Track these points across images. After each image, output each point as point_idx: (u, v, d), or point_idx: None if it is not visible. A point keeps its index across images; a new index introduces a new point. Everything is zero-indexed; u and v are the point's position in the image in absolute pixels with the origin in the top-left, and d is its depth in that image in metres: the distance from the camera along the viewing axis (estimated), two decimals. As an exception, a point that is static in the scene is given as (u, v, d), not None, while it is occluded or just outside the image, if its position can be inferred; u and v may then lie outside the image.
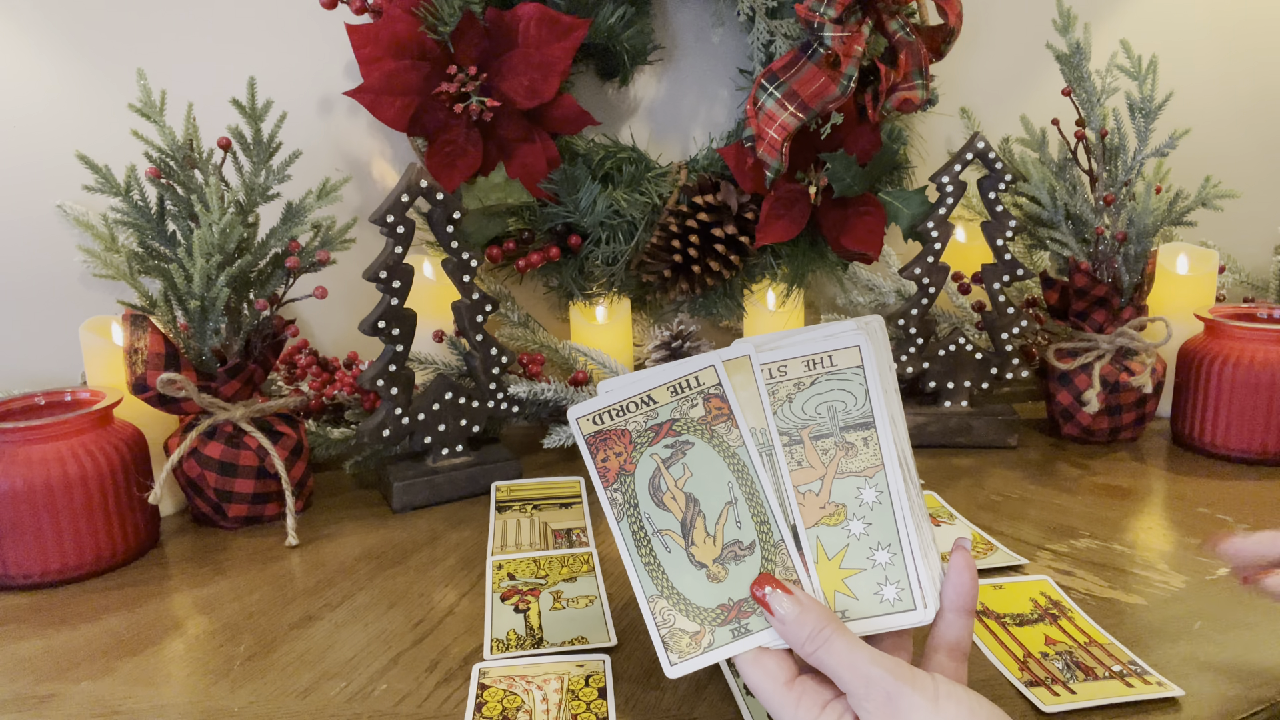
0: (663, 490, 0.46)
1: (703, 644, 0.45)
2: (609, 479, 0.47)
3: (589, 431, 0.47)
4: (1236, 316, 0.94)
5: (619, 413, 0.47)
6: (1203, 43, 1.22)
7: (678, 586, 0.46)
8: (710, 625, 0.46)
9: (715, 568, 0.46)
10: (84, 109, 0.89)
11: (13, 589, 0.70)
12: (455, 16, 0.86)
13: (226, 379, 0.78)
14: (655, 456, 0.47)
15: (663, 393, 0.47)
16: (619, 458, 0.47)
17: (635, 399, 0.47)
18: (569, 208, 0.95)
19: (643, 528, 0.46)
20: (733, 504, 0.46)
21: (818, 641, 0.43)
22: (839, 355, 0.47)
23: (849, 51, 0.88)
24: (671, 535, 0.46)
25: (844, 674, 0.42)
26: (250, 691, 0.56)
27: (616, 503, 0.47)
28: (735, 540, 0.46)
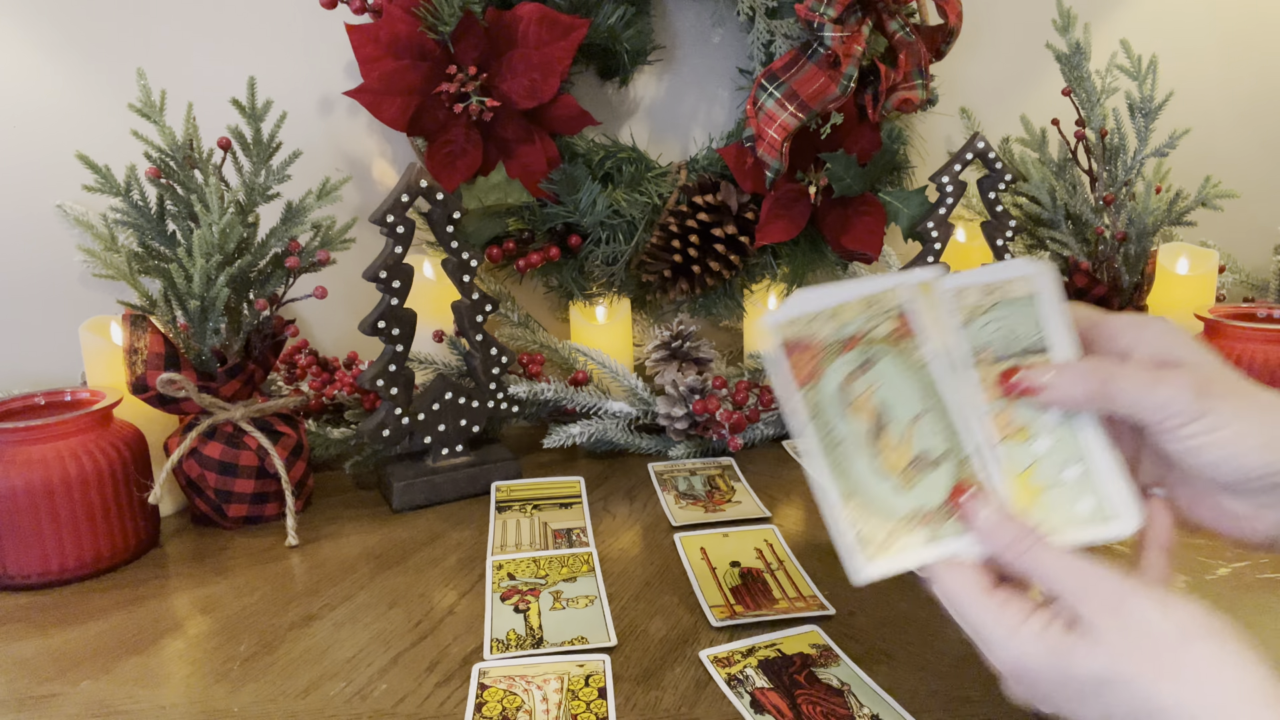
0: (851, 398, 0.47)
1: (895, 547, 0.45)
2: (799, 383, 0.46)
3: (781, 338, 0.47)
4: (1236, 316, 0.94)
5: (810, 321, 0.47)
6: (1203, 43, 1.22)
7: (868, 491, 0.46)
8: (900, 531, 0.45)
9: (903, 477, 0.46)
10: (84, 109, 0.89)
11: (13, 589, 0.70)
12: (455, 16, 0.86)
13: (226, 379, 0.78)
14: (843, 367, 0.47)
15: (852, 307, 0.47)
16: (809, 365, 0.47)
17: (825, 311, 0.47)
18: (569, 208, 0.95)
19: (830, 434, 0.46)
20: (920, 417, 0.47)
21: (1022, 546, 0.42)
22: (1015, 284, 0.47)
23: (849, 51, 0.88)
24: (860, 442, 0.46)
25: (1057, 575, 0.40)
26: (250, 691, 0.56)
27: (805, 409, 0.46)
28: (924, 451, 0.46)
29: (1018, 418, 0.47)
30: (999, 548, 0.43)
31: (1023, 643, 0.40)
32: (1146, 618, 0.38)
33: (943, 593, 0.43)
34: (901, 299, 0.47)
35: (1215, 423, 0.41)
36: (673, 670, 0.57)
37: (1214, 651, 0.37)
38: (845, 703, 0.52)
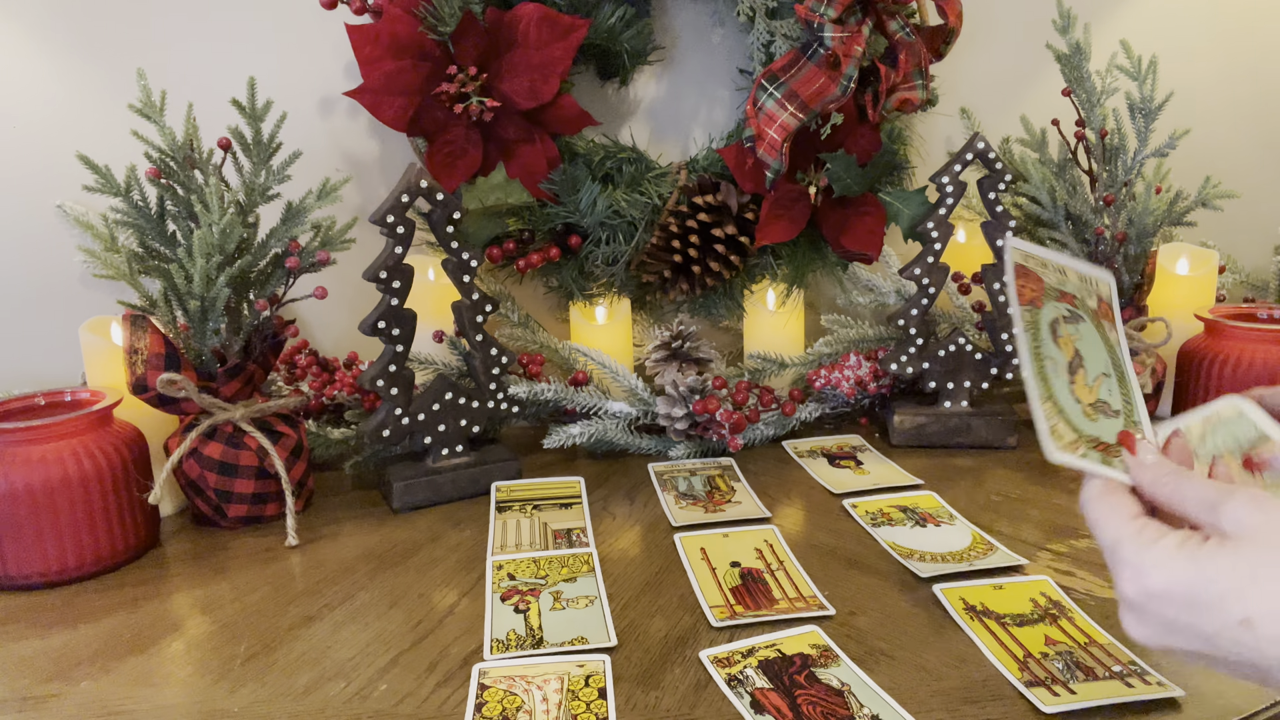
0: (1059, 334, 0.51)
1: (1078, 452, 0.48)
2: (1023, 300, 0.51)
3: (1019, 259, 0.52)
4: (1236, 316, 0.94)
5: (1041, 264, 0.53)
6: (1203, 43, 1.22)
7: (1062, 403, 0.50)
8: (1083, 443, 0.49)
9: (1089, 409, 0.51)
10: (84, 109, 0.89)
11: (13, 589, 0.70)
12: (455, 17, 0.86)
13: (226, 379, 0.78)
14: (1057, 309, 0.52)
15: (1074, 274, 0.54)
16: (1033, 292, 0.52)
17: (1055, 266, 0.53)
18: (569, 208, 0.95)
19: (1039, 347, 0.50)
20: (1107, 376, 0.52)
21: (1174, 477, 0.44)
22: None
23: (849, 52, 0.88)
24: (1060, 366, 0.51)
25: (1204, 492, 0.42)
26: (250, 692, 0.56)
27: (1025, 320, 0.51)
28: (1106, 401, 0.51)
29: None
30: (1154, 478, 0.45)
31: (1161, 551, 0.41)
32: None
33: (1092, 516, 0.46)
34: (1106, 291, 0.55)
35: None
36: (673, 670, 0.57)
37: None
38: (845, 703, 0.52)
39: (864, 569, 0.69)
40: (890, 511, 0.79)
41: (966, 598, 0.64)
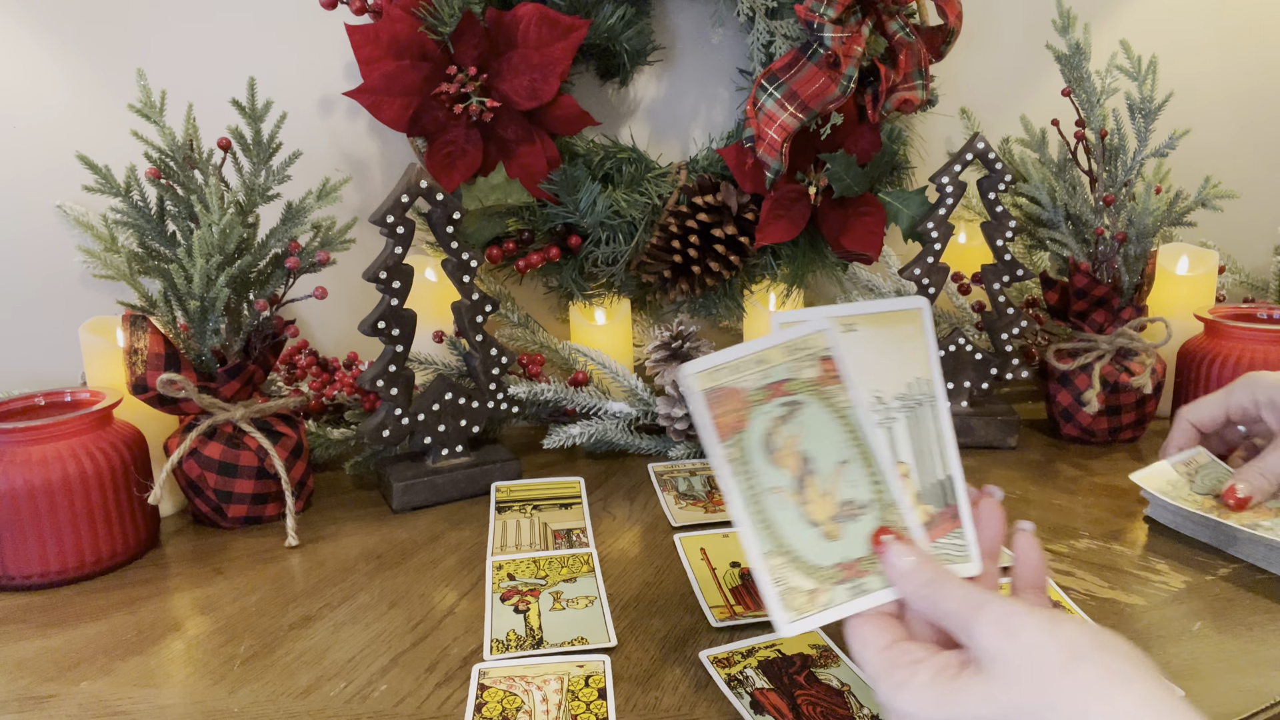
0: (776, 448, 0.46)
1: (819, 602, 0.45)
2: (723, 435, 0.46)
3: (704, 387, 0.46)
4: (1236, 317, 0.94)
5: (734, 370, 0.47)
6: (1203, 43, 1.22)
7: (793, 544, 0.46)
8: (827, 583, 0.46)
9: (830, 526, 0.46)
10: (84, 109, 0.89)
11: (13, 589, 0.70)
12: (455, 17, 0.86)
13: (226, 379, 0.78)
14: (768, 415, 0.47)
15: (777, 353, 0.47)
16: (733, 415, 0.46)
17: (750, 358, 0.47)
18: (569, 208, 0.95)
19: (755, 485, 0.46)
20: (846, 464, 0.47)
21: (934, 585, 0.43)
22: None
23: (849, 52, 0.88)
24: (785, 493, 0.46)
25: (955, 606, 0.41)
26: (250, 692, 0.56)
27: (730, 459, 0.46)
28: (849, 499, 0.47)
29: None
30: (913, 587, 0.44)
31: (910, 696, 0.40)
32: (1036, 641, 0.38)
33: (851, 648, 0.45)
34: (828, 342, 0.47)
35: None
36: (673, 670, 0.57)
37: (1099, 671, 0.37)
38: (845, 703, 0.52)
39: (864, 569, 0.69)
40: (890, 511, 0.78)
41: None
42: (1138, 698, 0.36)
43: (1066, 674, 0.37)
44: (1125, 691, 0.36)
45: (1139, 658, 0.37)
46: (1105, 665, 0.37)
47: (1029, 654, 0.38)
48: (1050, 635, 0.38)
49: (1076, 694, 0.36)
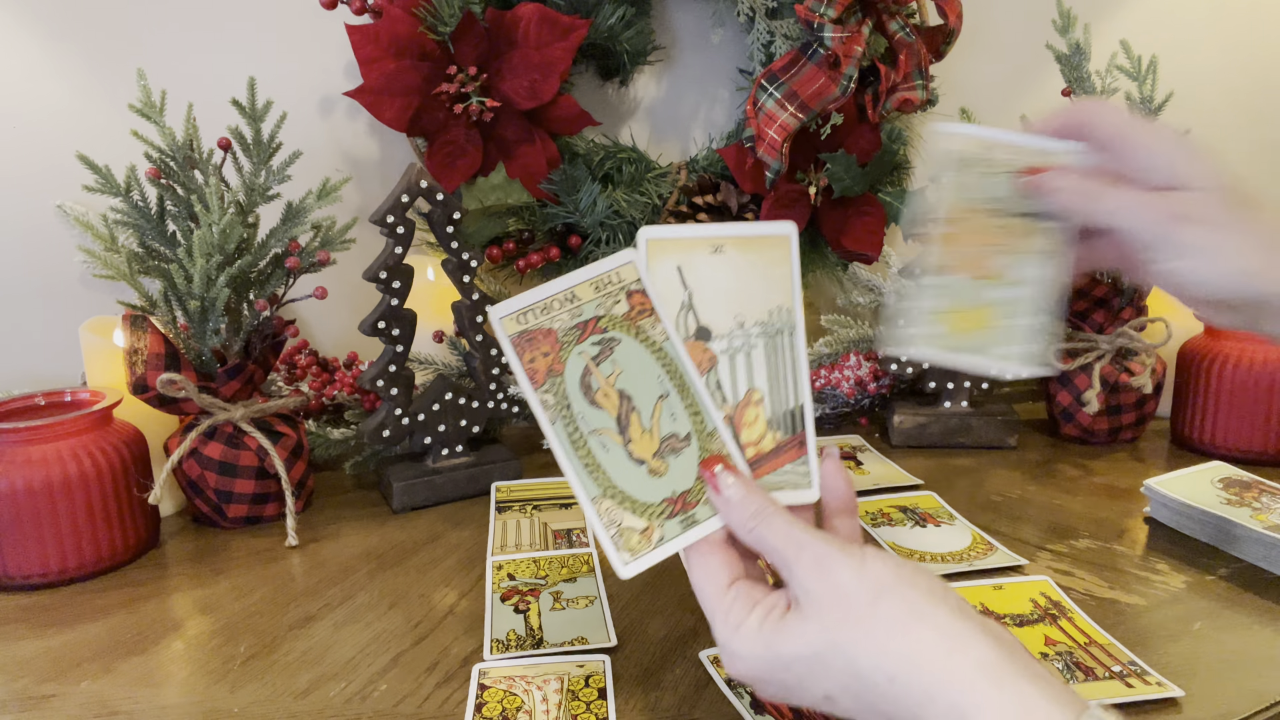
0: (595, 388, 0.46)
1: (653, 539, 0.45)
2: (538, 380, 0.45)
3: (513, 331, 0.45)
4: (1236, 317, 0.94)
5: (543, 311, 0.46)
6: (1203, 42, 1.22)
7: (620, 484, 0.46)
8: (658, 520, 0.46)
9: (655, 462, 0.46)
10: (84, 109, 0.89)
11: (13, 589, 0.70)
12: (455, 17, 0.86)
13: (226, 379, 0.78)
14: (584, 354, 0.46)
15: (586, 289, 0.46)
16: (546, 358, 0.46)
17: (559, 296, 0.46)
18: (569, 208, 0.95)
19: (578, 428, 0.46)
20: (665, 397, 0.47)
21: (759, 518, 0.44)
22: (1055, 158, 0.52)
23: (849, 52, 0.88)
24: (608, 433, 0.46)
25: (779, 544, 0.43)
26: (250, 692, 0.56)
27: (548, 405, 0.45)
28: (672, 433, 0.46)
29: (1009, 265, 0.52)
30: (741, 519, 0.44)
31: (743, 639, 0.42)
32: (844, 580, 0.40)
33: (691, 571, 0.45)
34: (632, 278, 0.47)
35: (1179, 251, 0.47)
36: (673, 670, 0.57)
37: (899, 606, 0.39)
38: (845, 703, 0.52)
39: (864, 569, 0.69)
40: (890, 512, 0.79)
41: (967, 598, 0.63)
42: (932, 628, 0.38)
43: (871, 610, 0.39)
44: (921, 623, 0.38)
45: (939, 592, 0.40)
46: (906, 599, 0.39)
47: (839, 593, 0.40)
48: (858, 575, 0.40)
49: (878, 629, 0.39)
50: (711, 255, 0.48)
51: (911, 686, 0.38)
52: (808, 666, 0.40)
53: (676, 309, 0.48)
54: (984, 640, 0.38)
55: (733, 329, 0.48)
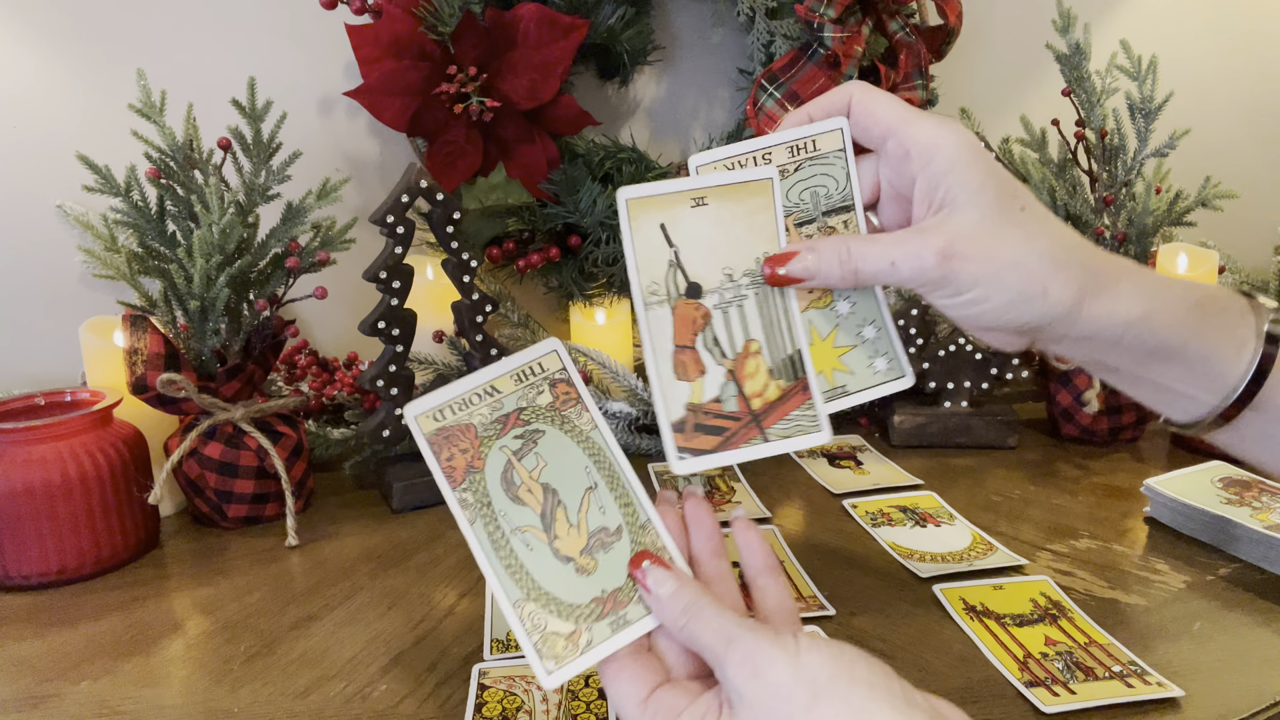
0: (517, 484, 0.44)
1: (580, 644, 0.43)
2: (456, 479, 0.44)
3: (430, 430, 0.44)
4: (1236, 317, 0.94)
5: (461, 406, 0.44)
6: (1203, 43, 1.22)
7: (545, 586, 0.43)
8: (585, 622, 0.43)
9: (583, 559, 0.44)
10: (84, 109, 0.89)
11: (13, 589, 0.70)
12: (455, 17, 0.86)
13: (226, 379, 0.78)
14: (505, 449, 0.44)
15: (506, 381, 0.45)
16: (465, 455, 0.44)
17: (478, 390, 0.44)
18: (569, 208, 0.95)
19: (499, 527, 0.44)
20: (593, 489, 0.45)
21: (690, 613, 0.41)
22: (822, 139, 0.48)
23: (849, 52, 0.88)
24: (532, 531, 0.44)
25: (709, 640, 0.40)
26: (250, 692, 0.56)
27: (467, 504, 0.44)
28: (601, 527, 0.44)
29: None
30: (673, 616, 0.42)
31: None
32: (778, 680, 0.37)
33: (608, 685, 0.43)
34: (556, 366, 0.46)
35: (956, 290, 0.44)
36: (673, 670, 0.57)
37: (839, 709, 0.36)
38: (845, 703, 0.52)
39: (864, 569, 0.69)
40: (890, 512, 0.79)
41: (966, 598, 0.64)
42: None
43: (810, 714, 0.36)
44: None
45: (881, 684, 0.37)
46: (846, 700, 0.36)
47: (774, 695, 0.37)
48: (793, 674, 0.37)
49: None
50: (694, 209, 0.47)
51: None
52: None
53: (664, 268, 0.47)
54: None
55: (723, 282, 0.47)
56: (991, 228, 0.43)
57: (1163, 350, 0.45)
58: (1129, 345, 0.45)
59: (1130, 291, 0.44)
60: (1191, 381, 0.46)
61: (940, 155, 0.44)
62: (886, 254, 0.44)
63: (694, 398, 0.46)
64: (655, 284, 0.46)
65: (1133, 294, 0.44)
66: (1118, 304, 0.44)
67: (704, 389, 0.47)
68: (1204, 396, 0.46)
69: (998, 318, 0.44)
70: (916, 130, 0.45)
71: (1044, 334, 0.45)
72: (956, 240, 0.43)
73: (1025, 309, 0.44)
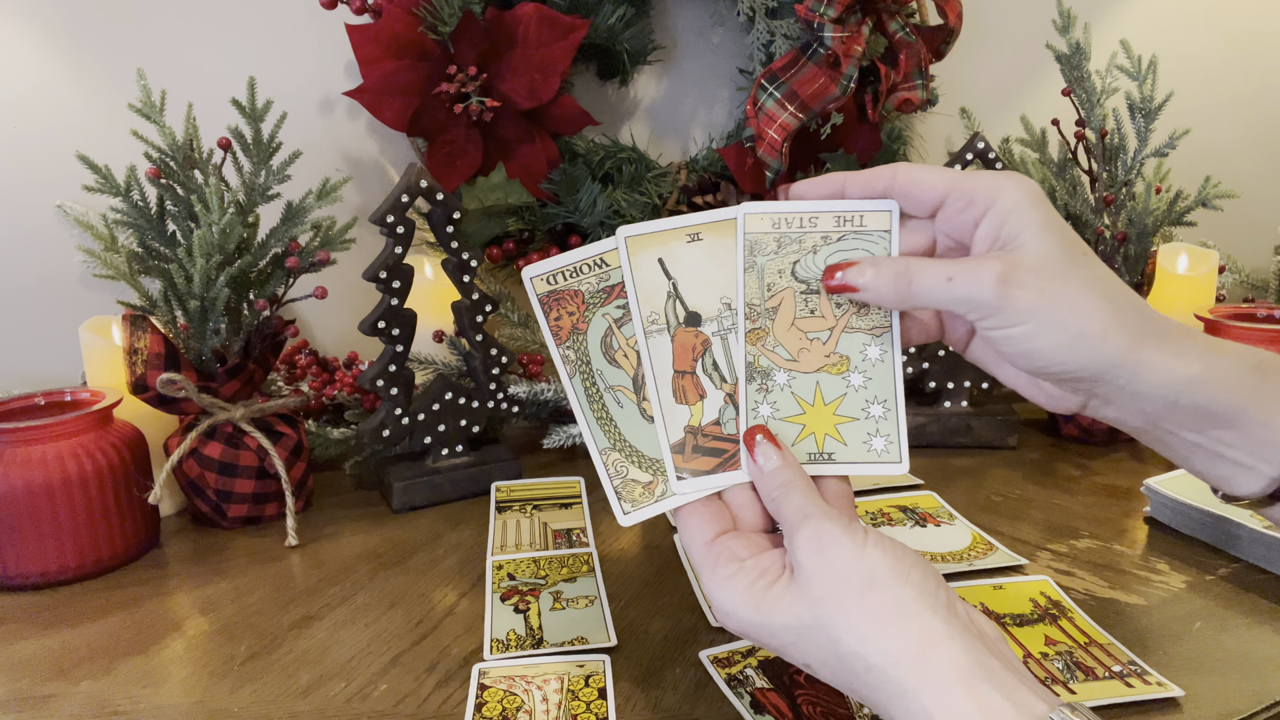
0: (615, 348, 0.48)
1: (655, 493, 0.48)
2: (561, 337, 0.48)
3: (543, 291, 0.48)
4: (1236, 316, 0.94)
5: (573, 273, 0.48)
6: (1203, 43, 1.22)
7: (630, 439, 0.48)
8: (662, 475, 0.48)
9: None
10: (84, 109, 0.89)
11: (13, 589, 0.70)
12: (455, 16, 0.86)
13: (226, 379, 0.78)
14: (607, 316, 0.49)
15: (615, 255, 0.48)
16: (572, 317, 0.48)
17: (589, 260, 0.48)
18: (569, 208, 0.95)
19: (595, 384, 0.48)
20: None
21: (783, 489, 0.45)
22: (870, 217, 0.49)
23: (849, 51, 0.88)
24: (623, 391, 0.48)
25: (789, 514, 0.44)
26: (250, 692, 0.56)
27: (569, 360, 0.48)
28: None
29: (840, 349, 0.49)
30: (768, 487, 0.46)
31: (731, 595, 0.43)
32: (839, 562, 0.41)
33: (680, 524, 0.47)
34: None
35: (1011, 318, 0.43)
36: (673, 670, 0.57)
37: (887, 601, 0.40)
38: (845, 703, 0.52)
39: (864, 569, 0.69)
40: (890, 511, 0.79)
41: (966, 598, 0.64)
42: (916, 627, 0.39)
43: (861, 600, 0.40)
44: (906, 621, 0.39)
45: (931, 589, 0.40)
46: (895, 594, 0.40)
47: (833, 575, 0.41)
48: (854, 561, 0.41)
49: (864, 620, 0.39)
50: (689, 244, 0.49)
51: (886, 679, 0.39)
52: (793, 636, 0.41)
53: (663, 299, 0.49)
54: (964, 642, 0.38)
55: (720, 310, 0.49)
56: (1053, 264, 0.43)
57: (1221, 415, 0.43)
58: (1185, 407, 0.43)
59: (1188, 347, 0.43)
60: (1251, 450, 0.44)
61: (1005, 195, 0.44)
62: (944, 270, 0.44)
63: (693, 420, 0.49)
64: (655, 313, 0.49)
65: (1191, 350, 0.43)
66: (1176, 359, 0.43)
67: (704, 412, 0.49)
68: (1264, 467, 0.44)
69: (1053, 359, 0.43)
70: (977, 180, 0.46)
71: (1100, 387, 0.44)
72: (1017, 269, 0.43)
73: (1082, 350, 0.42)
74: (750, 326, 0.49)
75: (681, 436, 0.48)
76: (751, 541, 0.45)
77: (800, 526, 0.43)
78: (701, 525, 0.46)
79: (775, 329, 0.49)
